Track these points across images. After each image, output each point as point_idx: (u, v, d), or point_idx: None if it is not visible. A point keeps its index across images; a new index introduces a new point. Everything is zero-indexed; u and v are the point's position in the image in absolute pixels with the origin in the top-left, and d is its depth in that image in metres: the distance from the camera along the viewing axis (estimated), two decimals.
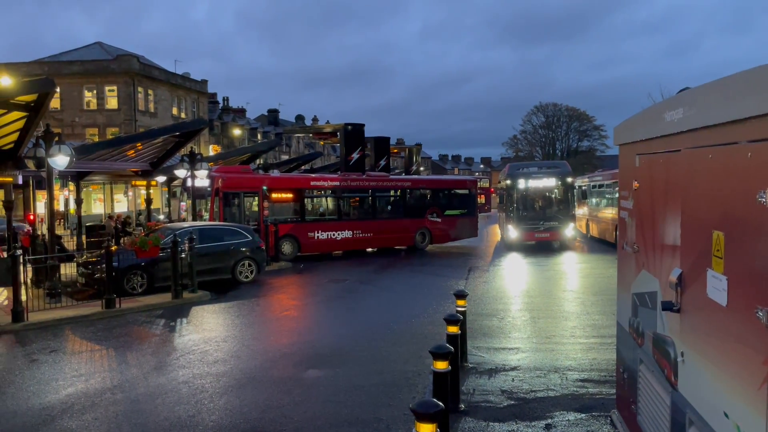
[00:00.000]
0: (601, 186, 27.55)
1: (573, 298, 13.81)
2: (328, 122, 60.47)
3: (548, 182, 24.89)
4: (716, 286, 3.32)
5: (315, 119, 79.96)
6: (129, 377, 8.39)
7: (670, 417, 4.14)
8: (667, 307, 4.04)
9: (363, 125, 26.19)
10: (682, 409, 3.87)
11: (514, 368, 8.20)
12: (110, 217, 26.87)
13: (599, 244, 26.09)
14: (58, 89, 13.27)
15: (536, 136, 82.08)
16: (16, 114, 13.36)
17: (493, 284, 15.76)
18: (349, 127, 25.73)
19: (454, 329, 6.45)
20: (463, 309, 7.79)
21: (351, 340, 10.12)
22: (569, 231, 24.60)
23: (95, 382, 8.20)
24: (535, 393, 7.16)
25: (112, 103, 49.78)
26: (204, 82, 61.41)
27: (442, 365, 5.07)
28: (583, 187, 31.63)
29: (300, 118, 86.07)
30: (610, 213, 25.01)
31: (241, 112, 72.37)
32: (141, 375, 8.47)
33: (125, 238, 18.59)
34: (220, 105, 69.70)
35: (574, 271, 18.69)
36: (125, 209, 40.70)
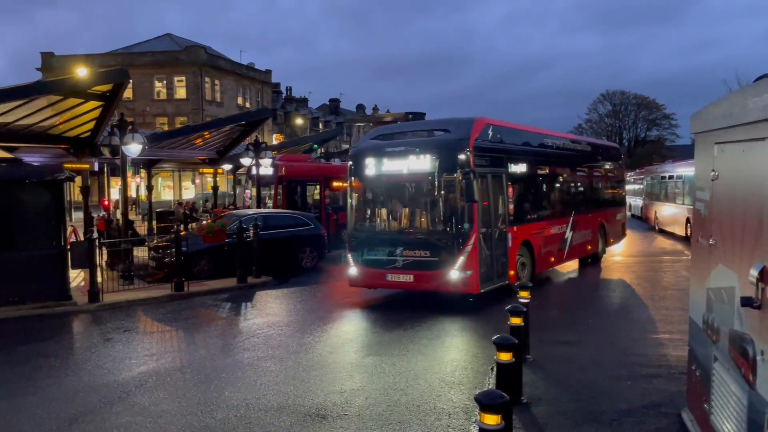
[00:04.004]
0: (670, 177, 26.53)
1: (640, 292, 13.40)
2: (388, 111, 60.54)
3: (418, 162, 11.46)
4: None
5: (375, 108, 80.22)
6: (197, 358, 8.69)
7: (746, 417, 3.97)
8: (747, 303, 3.86)
9: (424, 114, 26.07)
10: (760, 409, 3.70)
11: (578, 362, 8.03)
12: (179, 203, 27.79)
13: (667, 237, 25.15)
14: (131, 80, 13.84)
15: (602, 125, 79.84)
16: (92, 103, 13.97)
17: (554, 272, 15.46)
18: (410, 116, 25.65)
19: (517, 321, 6.38)
20: (526, 300, 7.68)
21: (412, 328, 10.15)
22: (462, 267, 10.97)
23: (165, 361, 8.53)
24: (601, 388, 6.99)
25: (181, 92, 51.36)
26: (268, 72, 62.52)
27: (506, 356, 5.03)
28: (650, 179, 30.60)
29: (360, 107, 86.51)
30: (679, 205, 24.09)
31: (304, 101, 73.37)
32: (208, 356, 8.75)
33: (193, 224, 19.22)
34: (284, 95, 70.85)
35: (635, 263, 18.12)
36: (192, 196, 42.02)
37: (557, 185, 15.54)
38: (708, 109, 5.21)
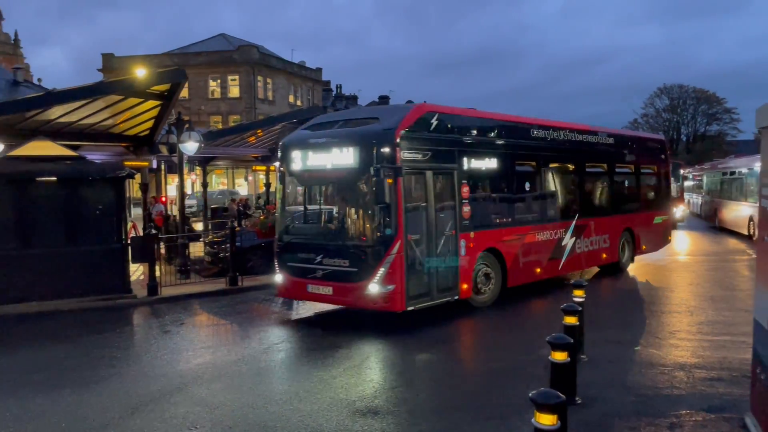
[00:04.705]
0: (732, 173, 25.52)
1: (700, 292, 12.97)
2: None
3: (340, 156, 10.01)
4: None
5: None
6: (251, 351, 8.86)
7: None
8: None
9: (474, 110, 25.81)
10: None
11: (635, 363, 7.84)
12: (233, 200, 28.37)
13: (729, 236, 24.23)
14: (187, 79, 14.23)
15: (659, 120, 77.38)
16: (151, 103, 14.38)
17: (610, 274, 15.11)
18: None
19: (572, 320, 6.27)
20: (581, 299, 7.54)
21: (458, 327, 10.11)
22: (383, 280, 9.46)
23: (221, 354, 8.73)
24: (659, 390, 6.81)
25: (234, 91, 52.39)
26: (319, 70, 63.16)
27: (560, 356, 4.95)
28: (710, 176, 29.53)
29: (409, 102, 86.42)
30: (742, 202, 23.16)
31: (353, 99, 73.77)
32: (261, 349, 8.93)
33: (246, 220, 19.60)
34: (334, 92, 71.42)
35: (694, 262, 17.53)
36: (246, 193, 42.86)
37: (549, 184, 13.19)
38: None
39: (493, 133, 11.80)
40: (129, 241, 12.82)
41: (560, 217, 13.18)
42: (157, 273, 12.96)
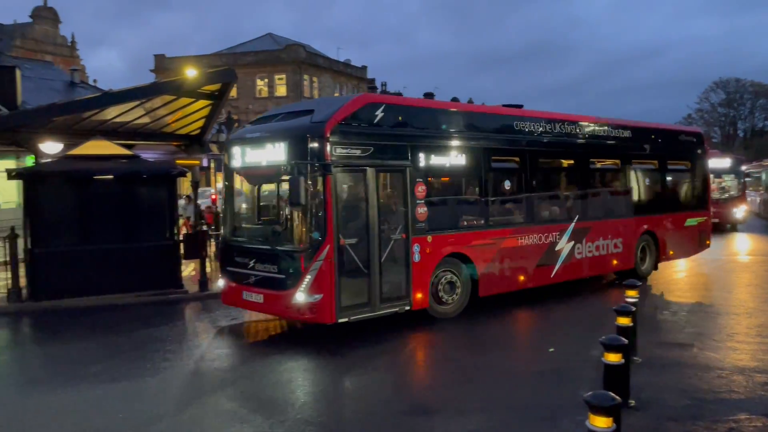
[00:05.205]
0: None
1: (759, 294, 12.50)
2: (483, 104, 59.83)
3: (271, 153, 9.33)
4: None
5: (470, 101, 79.41)
6: (300, 350, 8.96)
7: None
8: None
9: (521, 106, 25.46)
10: None
11: (690, 366, 7.60)
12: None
13: None
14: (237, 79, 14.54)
15: (714, 115, 74.97)
16: (202, 102, 14.68)
17: (663, 274, 14.71)
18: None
19: (625, 321, 6.13)
20: (634, 300, 7.36)
21: (508, 329, 10.01)
22: (309, 288, 8.59)
23: (269, 351, 8.87)
24: (716, 394, 6.60)
25: (281, 90, 53.03)
26: (364, 68, 63.42)
27: (614, 358, 4.85)
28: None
29: (455, 100, 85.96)
30: None
31: (398, 95, 73.78)
32: (315, 350, 9.01)
33: None
34: (378, 90, 71.59)
35: (754, 263, 16.89)
36: None
37: (535, 183, 11.71)
38: None
39: (459, 127, 10.65)
40: (181, 238, 13.14)
41: (553, 219, 12.02)
42: (208, 269, 13.25)
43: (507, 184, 11.39)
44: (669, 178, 14.88)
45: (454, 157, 10.45)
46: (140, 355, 8.65)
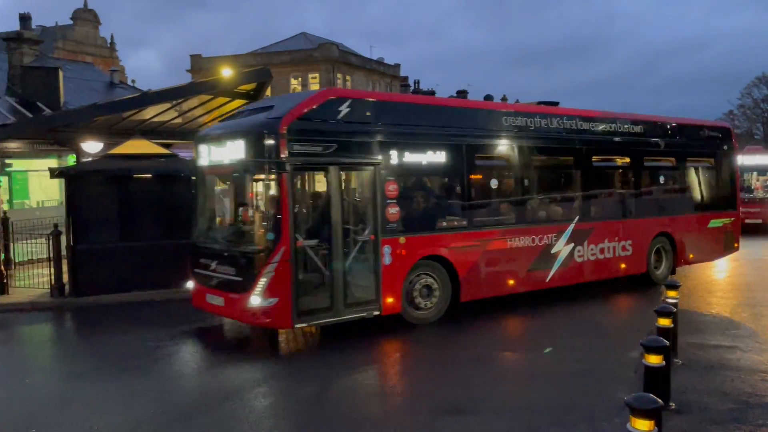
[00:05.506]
0: None
1: None
2: (517, 101, 59.24)
3: (229, 151, 9.05)
4: None
5: (504, 98, 78.71)
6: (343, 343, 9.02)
7: None
8: None
9: (557, 103, 25.14)
10: None
11: (733, 368, 7.42)
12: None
13: None
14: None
15: (757, 111, 72.73)
16: (238, 102, 14.87)
17: (704, 274, 14.38)
18: (542, 105, 24.84)
19: (665, 322, 6.02)
20: (674, 301, 7.22)
21: (542, 327, 9.91)
22: (264, 292, 8.23)
23: (307, 346, 8.94)
24: (760, 397, 6.43)
25: (315, 89, 53.31)
26: (397, 65, 63.44)
27: (655, 359, 4.77)
28: None
29: (488, 98, 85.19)
30: None
31: (431, 94, 73.47)
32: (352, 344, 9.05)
33: None
34: (411, 88, 71.44)
35: None
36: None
37: (526, 182, 11.01)
38: None
39: (435, 121, 10.08)
40: None
41: (548, 220, 11.32)
42: None
43: (493, 183, 10.72)
44: (689, 176, 13.81)
45: (430, 154, 9.86)
46: (179, 350, 8.81)
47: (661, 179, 13.25)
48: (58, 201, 19.74)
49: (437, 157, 9.94)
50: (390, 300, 9.10)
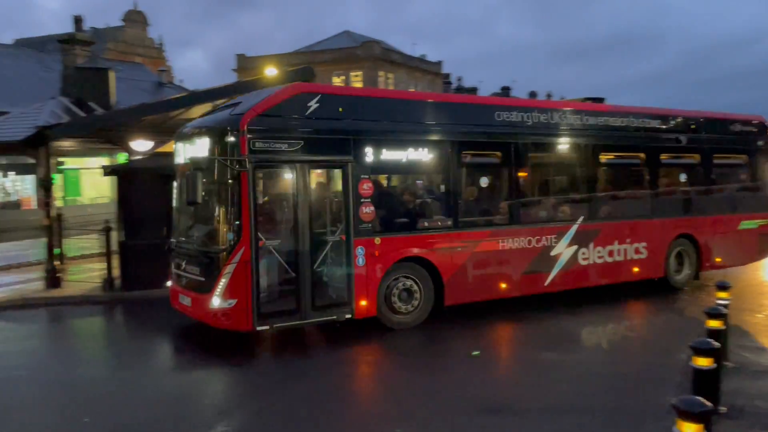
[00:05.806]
0: None
1: None
2: (563, 98, 58.29)
3: (195, 148, 8.87)
4: None
5: (549, 95, 77.58)
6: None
7: None
8: None
9: (603, 99, 24.63)
10: None
11: None
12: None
13: None
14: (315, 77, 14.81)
15: None
16: None
17: (752, 275, 13.90)
18: (588, 101, 24.39)
19: (716, 324, 5.84)
20: (725, 302, 7.01)
21: (585, 326, 9.75)
22: (223, 293, 8.05)
23: (360, 346, 9.02)
24: None
25: (357, 87, 53.60)
26: (439, 63, 63.18)
27: (705, 362, 4.65)
28: None
29: (533, 94, 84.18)
30: None
31: (473, 91, 72.97)
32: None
33: None
34: (453, 85, 71.08)
35: None
36: None
37: (521, 180, 10.38)
38: None
39: (416, 118, 9.56)
40: None
41: (547, 220, 10.69)
42: None
43: (483, 181, 10.23)
44: (716, 174, 12.79)
45: (410, 151, 9.35)
46: (228, 344, 8.98)
47: (682, 177, 12.45)
48: (109, 198, 20.36)
49: (418, 154, 9.47)
50: (363, 303, 8.72)
